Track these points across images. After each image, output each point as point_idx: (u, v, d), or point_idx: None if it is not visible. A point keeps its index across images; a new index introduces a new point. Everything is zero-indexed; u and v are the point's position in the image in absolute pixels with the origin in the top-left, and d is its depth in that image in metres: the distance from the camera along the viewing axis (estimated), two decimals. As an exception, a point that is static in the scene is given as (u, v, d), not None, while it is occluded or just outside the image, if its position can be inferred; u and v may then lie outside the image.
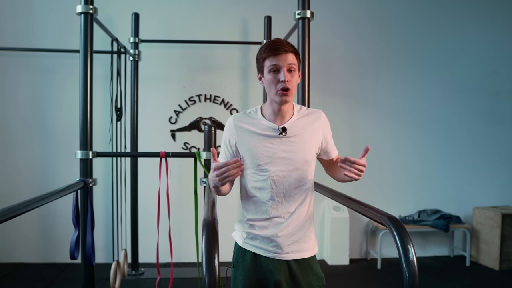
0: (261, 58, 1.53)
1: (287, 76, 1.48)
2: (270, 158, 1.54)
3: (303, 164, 1.56)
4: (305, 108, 1.65)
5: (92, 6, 2.40)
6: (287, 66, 1.49)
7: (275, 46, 1.49)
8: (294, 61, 1.51)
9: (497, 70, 4.53)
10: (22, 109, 4.08)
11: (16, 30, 4.03)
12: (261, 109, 1.61)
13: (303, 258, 1.59)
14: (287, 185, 1.55)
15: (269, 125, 1.55)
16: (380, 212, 1.37)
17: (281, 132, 1.53)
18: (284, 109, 1.55)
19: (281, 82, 1.48)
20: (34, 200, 1.72)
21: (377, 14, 4.39)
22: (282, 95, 1.49)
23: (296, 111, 1.60)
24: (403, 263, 1.16)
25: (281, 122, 1.56)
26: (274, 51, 1.48)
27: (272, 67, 1.49)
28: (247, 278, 1.58)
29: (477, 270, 4.06)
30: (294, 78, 1.52)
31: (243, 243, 1.62)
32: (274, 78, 1.50)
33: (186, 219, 3.92)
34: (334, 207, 4.20)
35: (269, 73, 1.51)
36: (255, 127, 1.56)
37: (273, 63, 1.49)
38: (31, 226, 4.07)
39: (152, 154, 2.65)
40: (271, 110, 1.56)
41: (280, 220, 1.56)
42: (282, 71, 1.48)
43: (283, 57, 1.48)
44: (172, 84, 4.20)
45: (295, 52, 1.53)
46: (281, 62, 1.48)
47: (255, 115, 1.59)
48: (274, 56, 1.48)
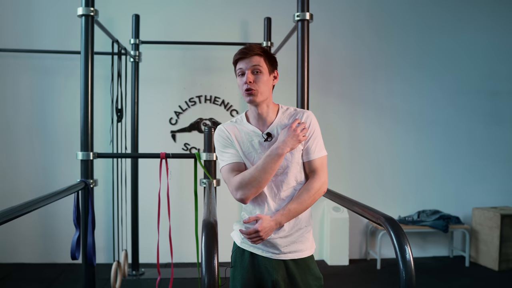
0: (233, 63, 1.60)
1: (249, 78, 1.53)
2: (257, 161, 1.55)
3: (291, 166, 1.57)
4: (293, 109, 1.65)
5: (93, 8, 2.42)
6: (251, 68, 1.54)
7: (242, 50, 1.57)
8: (259, 63, 1.55)
9: (497, 70, 4.54)
10: (23, 110, 4.10)
11: (17, 32, 4.04)
12: (246, 115, 1.65)
13: (301, 258, 1.61)
14: (276, 187, 1.57)
15: (254, 131, 1.60)
16: (377, 213, 1.39)
17: (266, 138, 1.57)
18: (262, 112, 1.58)
19: (245, 83, 1.54)
20: (36, 201, 1.73)
21: (377, 15, 4.41)
22: (247, 95, 1.54)
23: (280, 112, 1.62)
24: (400, 263, 1.17)
25: (263, 125, 1.60)
26: (240, 55, 1.56)
27: (239, 71, 1.57)
28: (245, 277, 1.60)
29: (476, 271, 4.07)
30: (261, 79, 1.54)
31: (241, 243, 1.64)
32: (241, 81, 1.56)
33: (186, 219, 3.94)
34: (334, 207, 4.21)
35: (237, 77, 1.58)
36: (243, 134, 1.60)
37: (239, 67, 1.56)
38: (32, 227, 4.08)
39: (152, 156, 2.67)
40: (252, 115, 1.61)
41: None
42: (246, 73, 1.54)
43: (248, 60, 1.54)
44: (173, 85, 4.22)
45: (262, 54, 1.56)
46: (245, 65, 1.55)
47: (240, 122, 1.64)
48: (240, 60, 1.56)
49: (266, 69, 1.56)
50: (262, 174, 1.48)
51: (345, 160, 4.31)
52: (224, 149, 1.60)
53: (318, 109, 4.09)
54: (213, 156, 2.55)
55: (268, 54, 1.59)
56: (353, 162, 4.32)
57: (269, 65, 1.58)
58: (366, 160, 4.40)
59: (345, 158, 4.31)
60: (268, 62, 1.58)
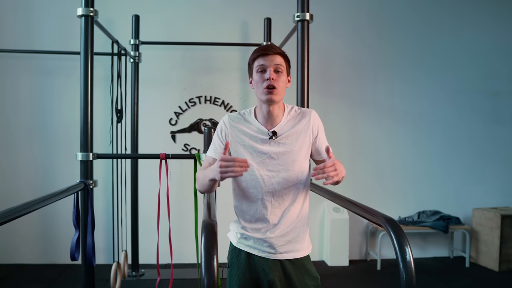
0: (251, 60, 1.59)
1: (272, 75, 1.52)
2: (259, 158, 1.57)
3: (292, 164, 1.57)
4: (297, 108, 1.66)
5: (92, 9, 2.42)
6: (274, 66, 1.53)
7: (263, 47, 1.56)
8: (281, 63, 1.55)
9: (497, 70, 4.54)
10: (22, 111, 4.10)
11: (16, 32, 4.04)
12: (254, 111, 1.64)
13: (297, 258, 1.61)
14: (276, 184, 1.56)
15: (260, 128, 1.59)
16: (377, 214, 1.38)
17: (271, 136, 1.57)
18: (273, 111, 1.57)
19: (266, 80, 1.52)
20: (35, 202, 1.73)
21: (377, 15, 4.41)
22: (267, 93, 1.52)
23: (286, 112, 1.62)
24: (400, 264, 1.17)
25: (271, 124, 1.59)
26: (262, 51, 1.54)
27: (259, 67, 1.54)
28: (242, 277, 1.60)
29: (477, 271, 4.07)
30: (281, 79, 1.55)
31: (237, 243, 1.65)
32: (261, 78, 1.54)
33: (186, 220, 3.94)
34: (334, 208, 4.21)
35: (256, 73, 1.55)
36: (247, 128, 1.60)
37: (260, 63, 1.54)
38: (32, 227, 4.08)
39: (152, 156, 2.67)
40: (262, 114, 1.59)
41: (271, 220, 1.57)
42: (268, 70, 1.53)
43: (270, 57, 1.53)
44: (172, 85, 4.22)
45: (284, 55, 1.58)
46: (268, 62, 1.53)
47: (248, 117, 1.63)
48: (262, 57, 1.54)
49: (285, 70, 1.57)
50: (200, 187, 1.58)
51: (345, 160, 4.28)
52: (215, 142, 1.64)
53: (318, 109, 4.03)
54: (213, 157, 2.54)
55: (287, 56, 1.61)
56: (353, 163, 4.32)
57: (287, 66, 1.60)
58: (366, 160, 4.40)
59: (345, 158, 4.30)
60: (287, 64, 1.59)
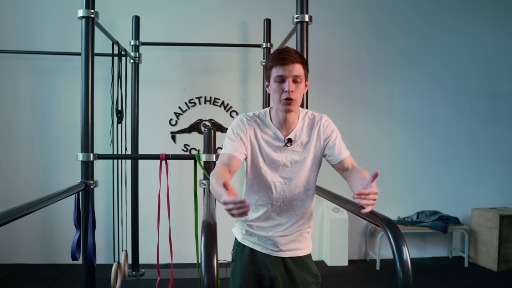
0: (269, 66, 1.54)
1: (291, 87, 1.48)
2: (273, 164, 1.57)
3: (304, 171, 1.60)
4: (311, 113, 1.65)
5: (93, 11, 2.43)
6: (293, 77, 1.49)
7: (283, 56, 1.49)
8: (300, 72, 1.51)
9: (496, 71, 4.55)
10: (23, 111, 4.11)
11: (17, 33, 4.05)
12: (269, 113, 1.61)
13: (298, 256, 1.65)
14: (288, 191, 1.59)
15: (276, 134, 1.57)
16: (375, 214, 1.40)
17: (286, 143, 1.56)
18: (289, 118, 1.56)
19: (285, 92, 1.49)
20: (36, 202, 1.74)
21: (376, 15, 4.42)
22: (285, 104, 1.50)
23: (301, 117, 1.61)
24: (397, 264, 1.19)
25: (287, 130, 1.58)
26: (281, 60, 1.49)
27: (278, 77, 1.50)
28: (245, 272, 1.64)
29: (476, 271, 4.08)
30: (300, 88, 1.52)
31: (242, 239, 1.68)
32: (279, 88, 1.50)
33: (186, 220, 3.94)
34: (333, 208, 4.21)
35: (275, 82, 1.52)
36: (264, 133, 1.58)
37: (279, 73, 1.49)
38: (33, 227, 4.09)
39: (152, 157, 2.68)
40: (277, 119, 1.57)
41: (278, 222, 1.61)
42: (287, 81, 1.49)
43: (290, 67, 1.48)
44: (173, 86, 4.23)
45: (303, 62, 1.53)
46: (287, 72, 1.48)
47: (264, 119, 1.60)
48: (281, 66, 1.49)
49: (304, 78, 1.54)
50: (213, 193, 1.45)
51: (345, 161, 4.31)
52: (233, 139, 1.56)
53: (318, 110, 4.01)
54: (212, 157, 2.56)
55: (306, 62, 1.57)
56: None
57: (306, 73, 1.56)
58: (366, 160, 4.40)
59: (344, 159, 4.31)
60: (306, 71, 1.56)
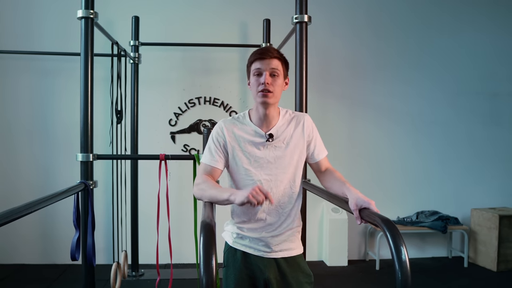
0: (249, 63, 1.61)
1: (268, 79, 1.54)
2: (257, 162, 1.59)
3: (289, 168, 1.61)
4: (291, 112, 1.69)
5: (92, 11, 2.43)
6: (270, 70, 1.55)
7: (261, 51, 1.58)
8: (277, 67, 1.57)
9: (496, 71, 4.55)
10: (22, 111, 4.11)
11: (16, 33, 4.06)
12: (249, 114, 1.66)
13: (291, 256, 1.66)
14: (274, 188, 1.60)
15: (256, 131, 1.61)
16: (373, 214, 1.40)
17: (268, 138, 1.59)
18: (269, 114, 1.60)
19: (261, 84, 1.54)
20: (36, 202, 1.73)
21: (376, 15, 4.42)
22: (262, 96, 1.55)
23: (281, 115, 1.65)
24: (396, 264, 1.19)
25: (267, 127, 1.61)
26: (259, 55, 1.56)
27: (255, 70, 1.57)
28: (238, 276, 1.63)
29: (475, 271, 4.08)
30: (277, 83, 1.57)
31: (233, 243, 1.68)
32: (257, 81, 1.57)
33: (185, 220, 3.94)
34: (333, 208, 4.22)
35: (253, 76, 1.58)
36: (243, 132, 1.61)
37: (257, 66, 1.56)
38: (32, 228, 4.09)
39: (151, 157, 2.68)
40: (257, 115, 1.61)
41: (269, 222, 1.61)
42: (264, 74, 1.55)
43: (267, 61, 1.55)
44: (172, 86, 4.23)
45: (281, 59, 1.59)
46: (264, 66, 1.55)
47: (243, 120, 1.65)
48: (259, 60, 1.56)
49: (282, 73, 1.59)
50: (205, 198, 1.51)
51: (344, 161, 4.31)
52: (211, 149, 1.62)
53: (317, 110, 4.10)
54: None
55: (285, 59, 1.62)
56: (352, 163, 4.33)
57: (284, 70, 1.62)
58: (365, 161, 4.41)
59: (344, 159, 4.32)
60: (284, 67, 1.61)
